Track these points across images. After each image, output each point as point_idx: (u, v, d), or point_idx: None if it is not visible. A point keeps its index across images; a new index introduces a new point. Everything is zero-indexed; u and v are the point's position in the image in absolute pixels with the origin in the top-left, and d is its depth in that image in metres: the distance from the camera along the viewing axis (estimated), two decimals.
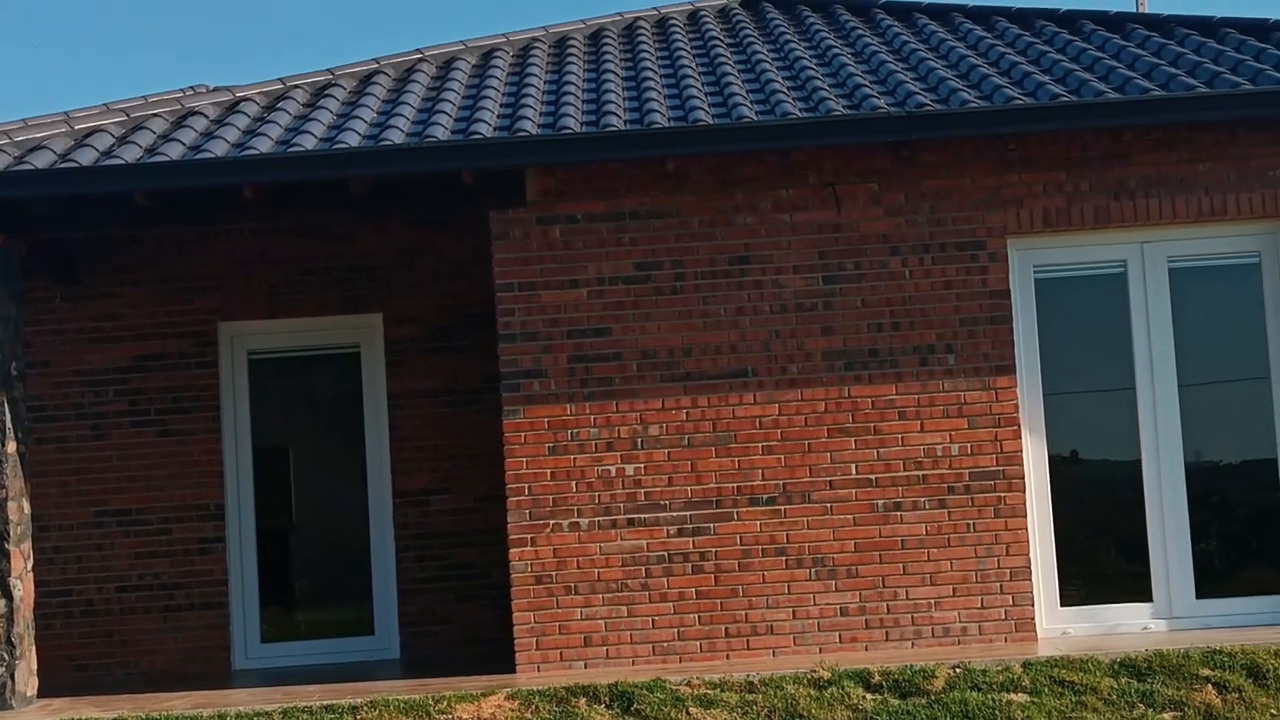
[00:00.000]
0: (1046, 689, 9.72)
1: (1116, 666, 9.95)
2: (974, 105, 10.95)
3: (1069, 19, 13.54)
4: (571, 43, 14.02)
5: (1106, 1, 20.60)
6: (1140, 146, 11.27)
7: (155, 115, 12.14)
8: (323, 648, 12.99)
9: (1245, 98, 10.84)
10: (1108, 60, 11.96)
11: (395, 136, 11.03)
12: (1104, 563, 11.63)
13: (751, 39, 13.65)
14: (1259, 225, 11.42)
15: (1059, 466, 11.43)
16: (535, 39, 14.22)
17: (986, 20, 13.82)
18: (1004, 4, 14.04)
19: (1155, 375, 11.41)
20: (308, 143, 11.02)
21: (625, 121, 11.19)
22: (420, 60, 13.57)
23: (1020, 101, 10.96)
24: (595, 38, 14.28)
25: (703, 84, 12.17)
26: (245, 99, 12.52)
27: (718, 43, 13.59)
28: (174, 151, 11.03)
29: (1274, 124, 11.18)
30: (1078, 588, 11.37)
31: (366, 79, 13.05)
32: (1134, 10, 16.48)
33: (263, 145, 11.03)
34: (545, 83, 12.59)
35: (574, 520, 11.05)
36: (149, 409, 13.00)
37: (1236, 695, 9.62)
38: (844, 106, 11.17)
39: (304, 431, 13.62)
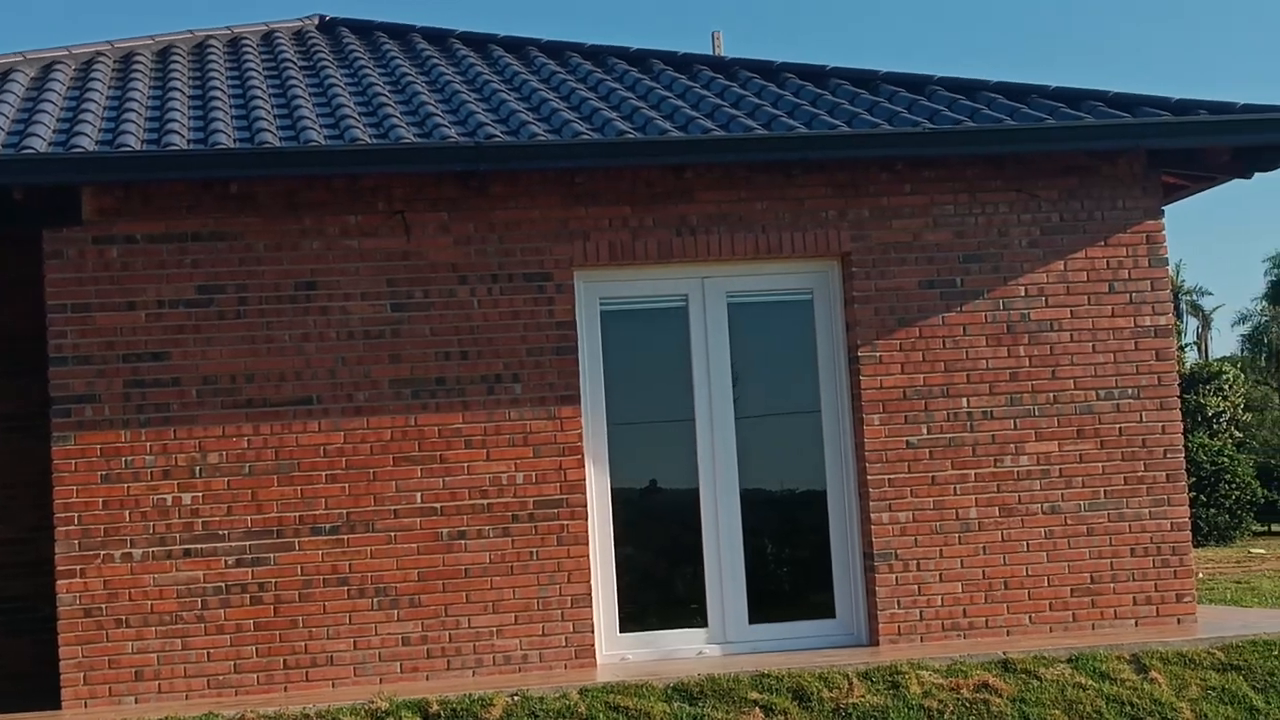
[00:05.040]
0: (602, 715, 9.86)
1: (670, 691, 10.17)
2: (542, 139, 11.08)
3: (640, 57, 13.85)
4: (138, 59, 13.62)
5: (681, 41, 21.19)
6: (702, 184, 11.59)
7: None
8: None
9: (799, 140, 11.25)
10: (674, 99, 12.27)
11: None
12: (663, 589, 11.88)
13: (326, 63, 13.53)
14: (812, 264, 11.87)
15: (622, 495, 11.64)
16: (100, 53, 13.78)
17: (560, 55, 14.03)
18: (578, 41, 14.28)
19: (713, 407, 11.74)
20: None
21: (189, 141, 10.92)
22: None
23: (587, 137, 11.13)
24: (164, 55, 13.91)
25: (272, 106, 11.99)
26: None
27: (290, 65, 13.42)
28: None
29: (827, 166, 11.65)
30: (638, 614, 11.59)
31: None
32: (709, 51, 16.96)
33: None
34: (107, 99, 12.20)
35: (127, 551, 10.69)
36: None
37: (783, 717, 9.95)
38: (415, 135, 11.16)
39: None
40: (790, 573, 12.09)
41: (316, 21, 15.54)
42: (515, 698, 10.02)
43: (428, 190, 11.28)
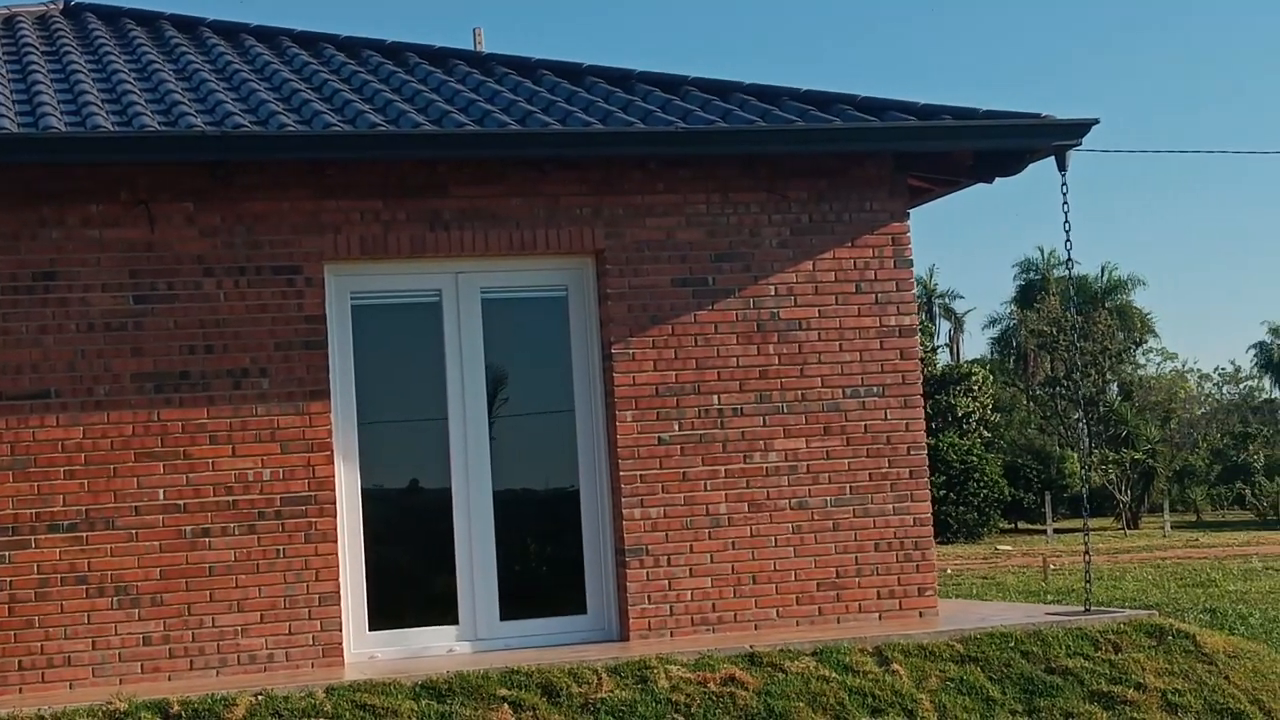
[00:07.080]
0: (348, 713, 9.75)
1: (419, 689, 10.08)
2: (292, 130, 10.91)
3: (395, 50, 13.72)
4: None
5: (443, 36, 21.06)
6: (456, 179, 11.52)
7: None
8: None
9: (553, 137, 11.24)
10: (428, 93, 12.18)
11: None
12: (415, 587, 11.78)
13: (69, 49, 13.16)
14: (567, 260, 11.88)
15: (373, 493, 11.51)
16: None
17: (314, 46, 13.84)
18: (332, 32, 14.10)
19: (467, 405, 11.67)
20: None
21: None
22: None
23: (339, 129, 10.98)
24: None
25: (11, 91, 11.62)
26: None
27: (32, 50, 13.02)
28: None
29: (581, 164, 11.66)
30: (388, 612, 11.46)
31: None
32: (471, 47, 16.85)
33: None
34: None
35: None
36: None
37: (531, 713, 9.94)
38: (160, 123, 10.90)
39: None
40: (543, 570, 12.09)
41: (61, 6, 15.10)
42: (259, 697, 9.84)
43: (173, 180, 11.03)
